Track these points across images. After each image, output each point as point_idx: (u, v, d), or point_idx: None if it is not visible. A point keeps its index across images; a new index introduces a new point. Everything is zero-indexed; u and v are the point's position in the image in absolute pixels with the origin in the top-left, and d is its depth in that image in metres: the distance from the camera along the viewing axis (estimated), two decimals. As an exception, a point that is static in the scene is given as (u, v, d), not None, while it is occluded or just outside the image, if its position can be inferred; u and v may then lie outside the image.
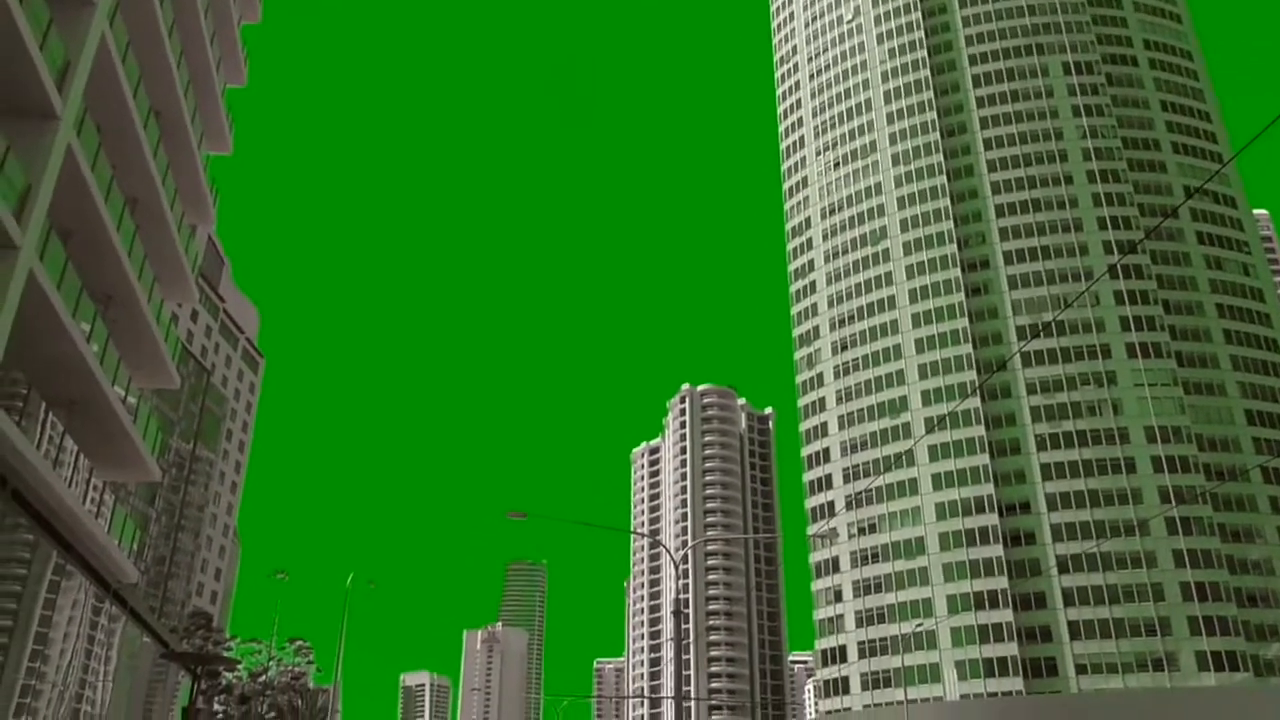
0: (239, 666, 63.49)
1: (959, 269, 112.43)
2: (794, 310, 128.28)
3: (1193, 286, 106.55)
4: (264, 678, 65.27)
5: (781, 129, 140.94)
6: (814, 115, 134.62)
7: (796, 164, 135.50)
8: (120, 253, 23.87)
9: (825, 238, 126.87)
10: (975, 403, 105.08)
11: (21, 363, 19.54)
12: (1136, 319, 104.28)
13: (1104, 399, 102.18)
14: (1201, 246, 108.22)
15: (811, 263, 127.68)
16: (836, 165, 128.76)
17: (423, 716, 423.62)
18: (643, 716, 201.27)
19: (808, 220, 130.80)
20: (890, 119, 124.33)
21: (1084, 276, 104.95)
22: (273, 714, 60.55)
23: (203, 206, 33.66)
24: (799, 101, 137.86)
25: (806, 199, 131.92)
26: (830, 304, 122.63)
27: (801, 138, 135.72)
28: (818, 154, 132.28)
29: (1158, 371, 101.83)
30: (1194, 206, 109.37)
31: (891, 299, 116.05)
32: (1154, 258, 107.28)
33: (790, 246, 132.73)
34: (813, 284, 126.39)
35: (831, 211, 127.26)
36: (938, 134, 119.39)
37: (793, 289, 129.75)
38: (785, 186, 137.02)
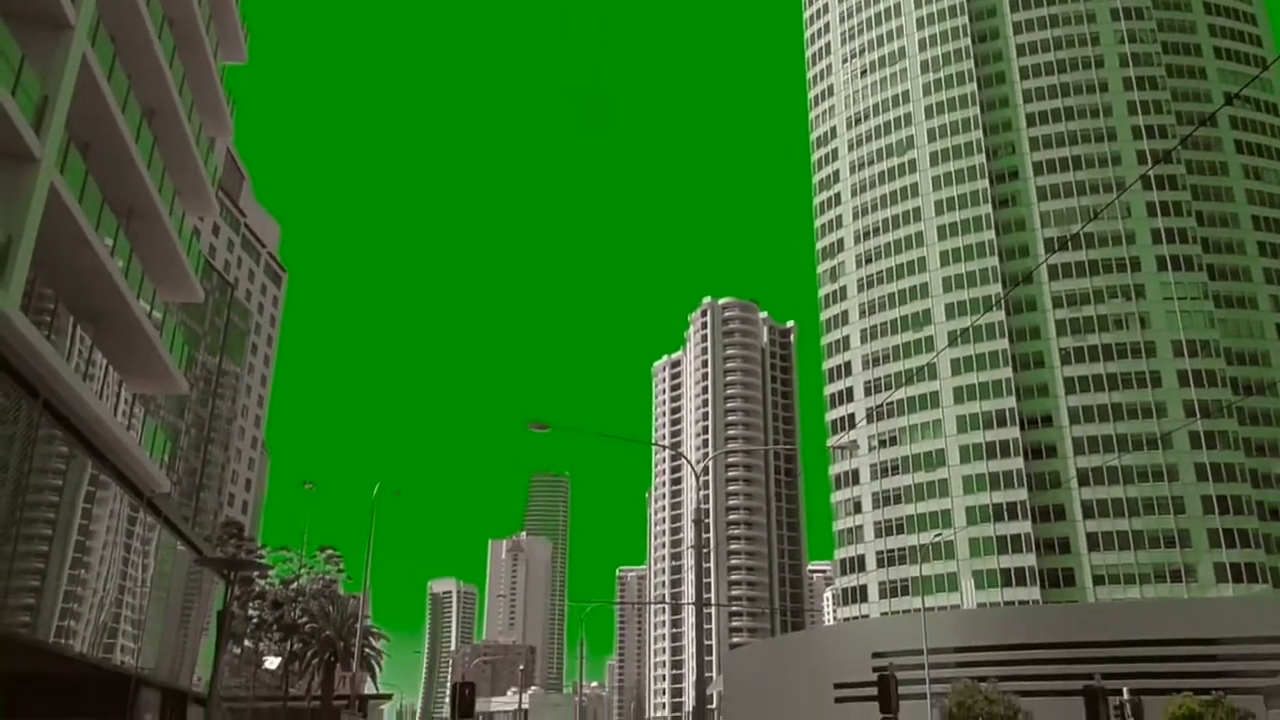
0: (271, 573, 65.09)
1: (987, 180, 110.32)
2: (818, 223, 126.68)
3: (1228, 198, 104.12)
4: (295, 585, 66.88)
5: (807, 35, 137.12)
6: (840, 21, 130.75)
7: (822, 72, 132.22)
8: (140, 165, 23.65)
9: (851, 148, 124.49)
10: (999, 316, 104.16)
11: (48, 277, 19.54)
12: (1168, 231, 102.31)
13: (1131, 312, 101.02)
14: (1240, 156, 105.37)
15: (836, 174, 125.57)
16: (863, 73, 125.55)
17: (450, 622, 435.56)
18: (664, 622, 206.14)
19: (833, 130, 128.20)
20: (919, 24, 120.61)
21: (1116, 187, 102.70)
22: (305, 619, 62.17)
23: (220, 117, 33.24)
24: (825, 7, 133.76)
25: (832, 108, 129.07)
26: (855, 216, 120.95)
27: (827, 44, 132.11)
28: (844, 61, 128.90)
29: (1188, 285, 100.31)
30: (1234, 114, 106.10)
31: (917, 211, 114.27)
32: (1189, 168, 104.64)
33: (815, 157, 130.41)
34: (837, 196, 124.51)
35: (857, 121, 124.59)
36: (968, 39, 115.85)
37: (817, 201, 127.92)
38: (810, 95, 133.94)
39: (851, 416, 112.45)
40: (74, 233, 19.78)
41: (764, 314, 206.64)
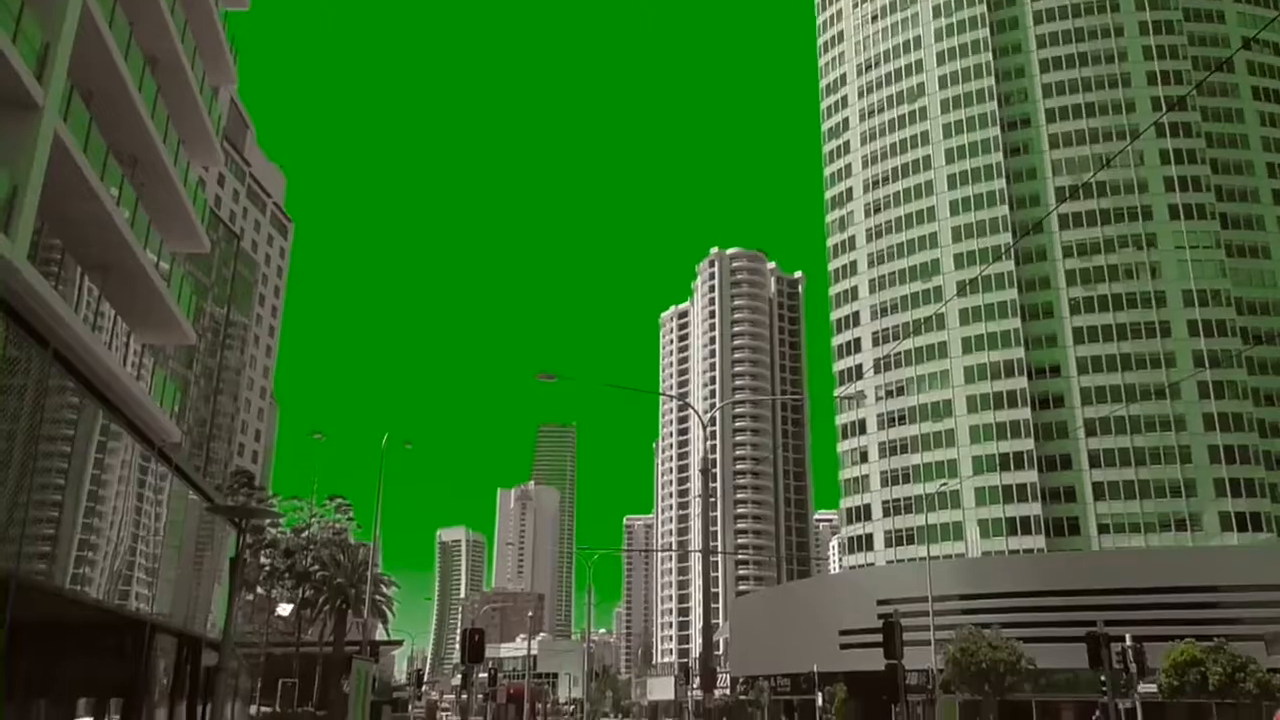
0: (282, 522, 65.77)
1: (998, 128, 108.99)
2: (827, 171, 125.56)
3: (1243, 144, 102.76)
4: (306, 533, 67.61)
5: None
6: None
7: (832, 18, 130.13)
8: (143, 113, 23.46)
9: (860, 95, 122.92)
10: (1009, 265, 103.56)
11: (55, 227, 19.50)
12: (1181, 179, 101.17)
13: (1142, 262, 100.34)
14: (1256, 102, 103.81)
15: (846, 121, 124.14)
16: (874, 18, 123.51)
17: (460, 570, 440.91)
18: (671, 570, 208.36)
19: (842, 77, 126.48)
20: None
21: (1130, 135, 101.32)
22: (316, 567, 62.93)
23: (223, 65, 32.88)
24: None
25: (842, 54, 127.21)
26: (864, 165, 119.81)
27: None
28: (854, 6, 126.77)
29: (1200, 233, 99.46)
30: (1251, 59, 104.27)
31: (927, 159, 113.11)
32: (1204, 114, 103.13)
33: (824, 105, 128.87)
34: (846, 144, 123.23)
35: (867, 68, 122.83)
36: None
37: (825, 149, 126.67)
38: (820, 42, 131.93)
39: (859, 367, 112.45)
40: (79, 182, 19.69)
41: (772, 264, 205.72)
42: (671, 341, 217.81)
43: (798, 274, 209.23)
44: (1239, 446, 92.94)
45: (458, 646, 36.09)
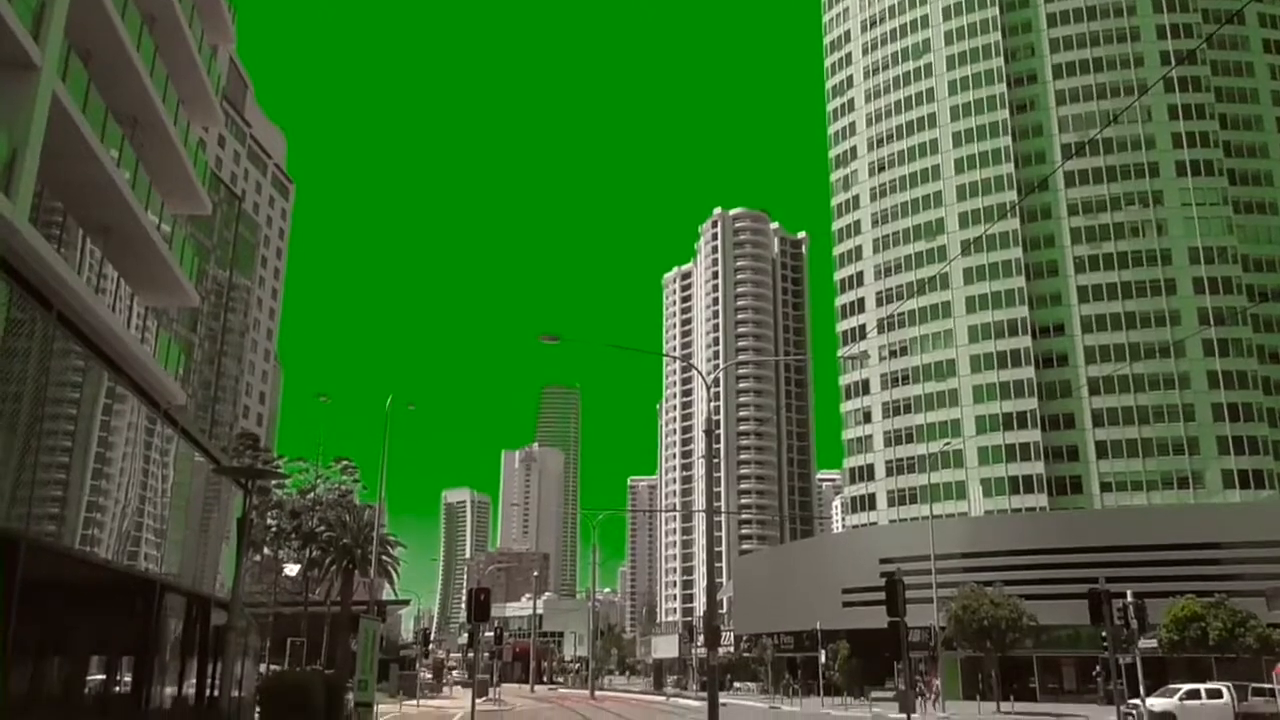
0: (288, 483, 66.12)
1: (1004, 84, 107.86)
2: (831, 130, 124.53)
3: (1253, 99, 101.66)
4: (312, 495, 68.00)
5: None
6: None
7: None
8: (142, 72, 23.24)
9: (865, 52, 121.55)
10: (1014, 224, 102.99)
11: (55, 189, 19.40)
12: (1189, 135, 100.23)
13: (1148, 219, 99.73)
14: (1267, 55, 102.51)
15: (850, 79, 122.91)
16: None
17: (465, 531, 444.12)
18: (675, 530, 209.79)
19: (847, 34, 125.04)
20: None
21: (1138, 91, 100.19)
22: (323, 528, 63.35)
23: (221, 24, 32.54)
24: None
25: (846, 11, 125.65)
26: (869, 123, 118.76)
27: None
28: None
29: (1207, 190, 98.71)
30: (1262, 11, 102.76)
31: (932, 117, 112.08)
32: (1214, 68, 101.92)
33: (828, 62, 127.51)
34: (850, 102, 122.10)
35: (872, 24, 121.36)
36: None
37: (830, 107, 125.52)
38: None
39: (863, 327, 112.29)
40: (79, 143, 19.56)
41: (775, 224, 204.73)
42: (675, 302, 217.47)
43: (801, 234, 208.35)
44: (1243, 404, 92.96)
45: (464, 606, 36.36)
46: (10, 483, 13.17)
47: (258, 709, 17.26)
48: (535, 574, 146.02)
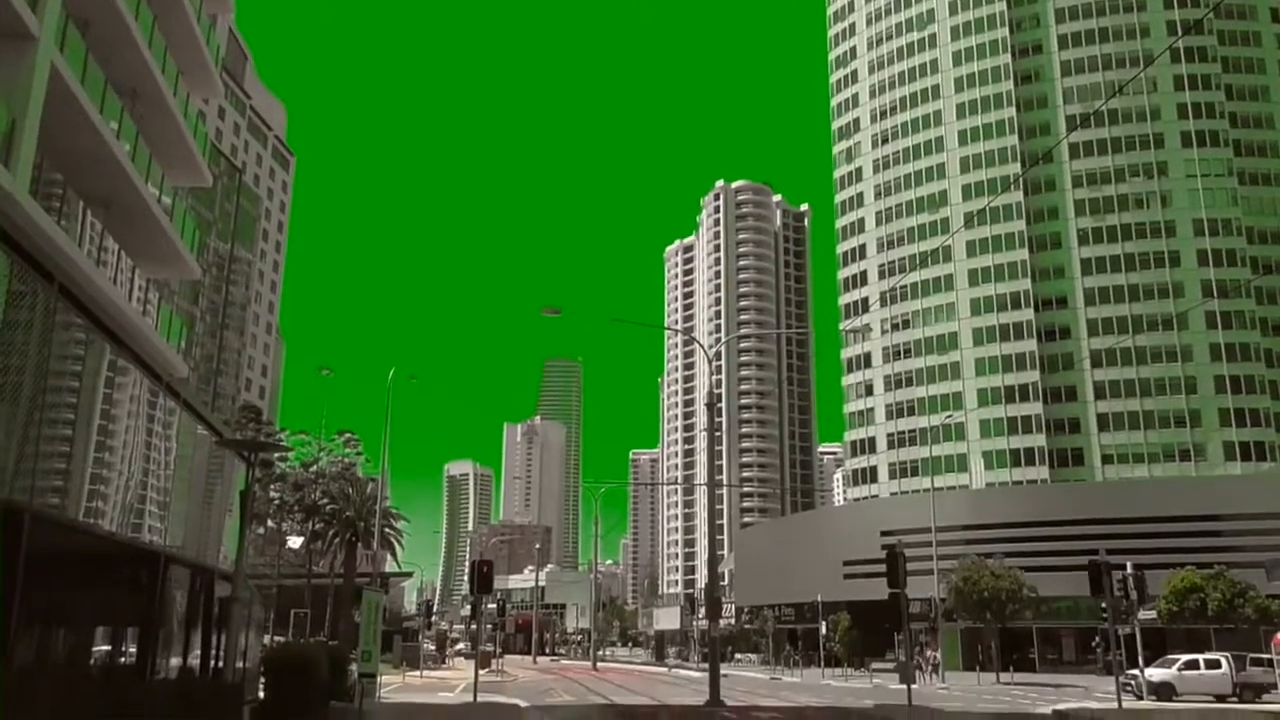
0: (290, 456, 66.34)
1: (1009, 55, 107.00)
2: (834, 102, 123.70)
3: (1259, 69, 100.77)
4: (315, 468, 68.24)
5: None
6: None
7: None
8: (140, 43, 23.06)
9: (869, 23, 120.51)
10: (1017, 196, 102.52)
11: (55, 161, 19.29)
12: (1195, 105, 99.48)
13: (1153, 191, 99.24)
14: (1275, 25, 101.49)
15: (853, 50, 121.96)
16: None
17: (468, 504, 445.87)
18: (677, 503, 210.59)
19: (850, 4, 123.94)
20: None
21: (1143, 61, 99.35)
22: (326, 501, 63.62)
23: (220, -6, 32.29)
24: None
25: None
26: (872, 94, 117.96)
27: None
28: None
29: (1212, 161, 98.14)
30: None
31: (936, 88, 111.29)
32: (1221, 38, 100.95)
33: (832, 33, 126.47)
34: (854, 73, 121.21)
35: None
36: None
37: (833, 79, 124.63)
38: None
39: (865, 300, 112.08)
40: (78, 114, 19.43)
41: (778, 197, 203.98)
42: (676, 276, 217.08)
43: (804, 206, 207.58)
44: (1245, 376, 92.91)
45: (466, 578, 36.54)
46: (14, 455, 13.19)
47: (262, 679, 17.39)
48: (537, 546, 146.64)
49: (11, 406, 13.25)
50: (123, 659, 19.12)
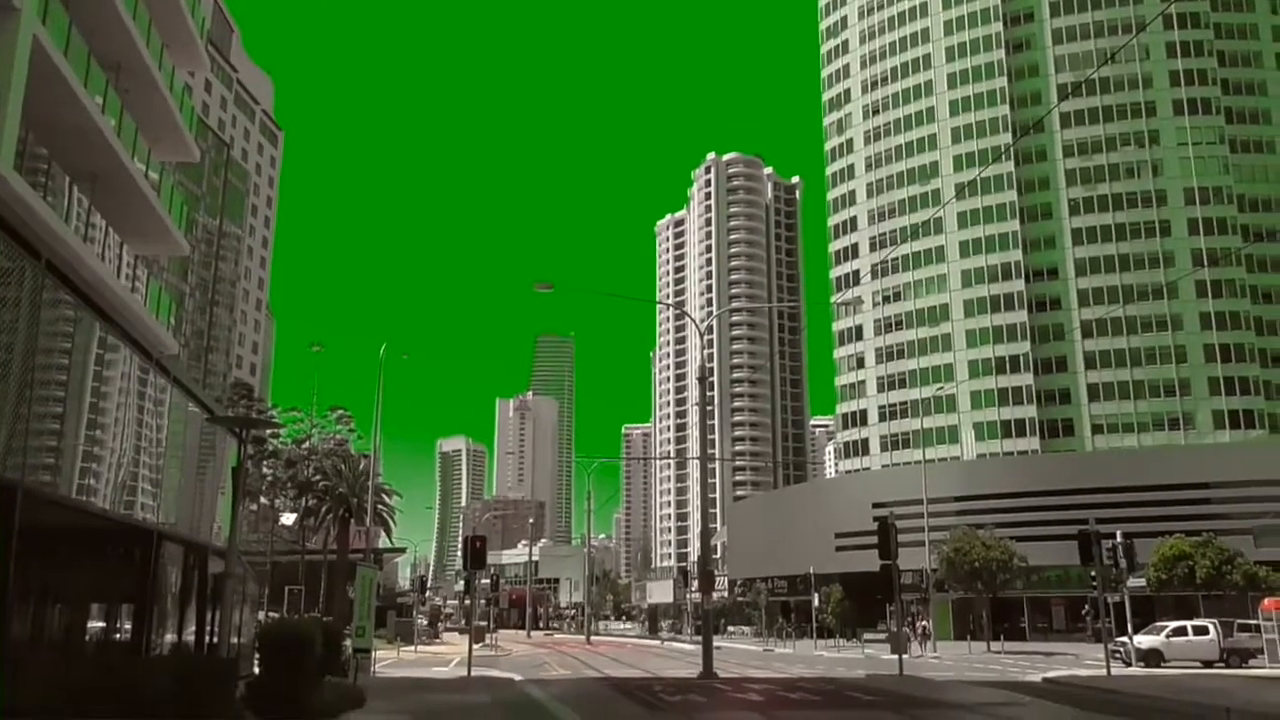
0: (283, 433, 66.31)
1: (1000, 22, 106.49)
2: (824, 73, 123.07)
3: (1253, 35, 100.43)
4: (307, 444, 68.22)
5: None
6: None
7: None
8: (124, 15, 22.74)
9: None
10: (1009, 167, 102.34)
11: (40, 136, 19.06)
12: (1187, 73, 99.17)
13: (1144, 160, 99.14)
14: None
15: (844, 20, 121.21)
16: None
17: (460, 479, 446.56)
18: (669, 477, 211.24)
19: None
20: None
21: (1136, 28, 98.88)
22: (318, 477, 63.64)
23: (204, -35, 31.83)
24: None
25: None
26: (863, 65, 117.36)
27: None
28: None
29: (1204, 129, 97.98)
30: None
31: (927, 58, 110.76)
32: (1214, 4, 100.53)
33: (822, 3, 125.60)
34: (845, 44, 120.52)
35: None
36: None
37: (823, 50, 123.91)
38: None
39: (856, 272, 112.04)
40: (62, 88, 19.18)
41: (769, 169, 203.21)
42: (668, 250, 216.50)
43: (795, 179, 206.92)
44: (1235, 345, 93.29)
45: (460, 554, 36.66)
46: (5, 432, 13.13)
47: (256, 655, 17.43)
48: (531, 521, 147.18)
49: (2, 383, 13.18)
50: (117, 635, 19.17)
